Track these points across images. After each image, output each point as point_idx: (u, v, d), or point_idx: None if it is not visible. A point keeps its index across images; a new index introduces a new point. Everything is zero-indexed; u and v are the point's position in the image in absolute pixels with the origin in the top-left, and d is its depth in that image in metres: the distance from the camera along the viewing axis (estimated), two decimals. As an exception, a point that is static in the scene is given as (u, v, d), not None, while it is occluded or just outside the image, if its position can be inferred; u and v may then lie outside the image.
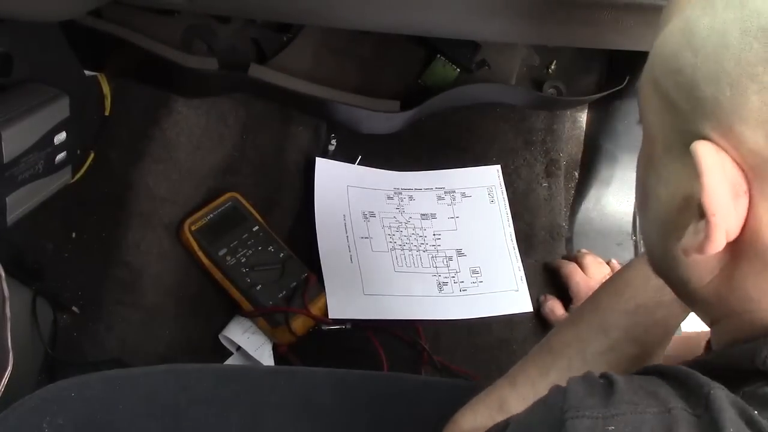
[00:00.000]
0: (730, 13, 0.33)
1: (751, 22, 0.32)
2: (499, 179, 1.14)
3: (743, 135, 0.33)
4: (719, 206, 0.33)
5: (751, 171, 0.33)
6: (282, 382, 0.69)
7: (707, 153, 0.34)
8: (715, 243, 0.34)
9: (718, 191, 0.33)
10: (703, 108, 0.34)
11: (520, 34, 0.84)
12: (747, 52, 0.32)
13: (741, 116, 0.33)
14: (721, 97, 0.33)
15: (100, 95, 0.96)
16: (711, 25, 0.34)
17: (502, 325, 1.05)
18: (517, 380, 0.60)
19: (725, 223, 0.34)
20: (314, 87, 1.04)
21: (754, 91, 0.32)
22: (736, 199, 0.34)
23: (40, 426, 0.60)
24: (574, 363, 0.58)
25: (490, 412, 0.58)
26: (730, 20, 0.33)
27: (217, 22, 0.99)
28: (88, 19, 0.91)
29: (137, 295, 0.95)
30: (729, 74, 0.33)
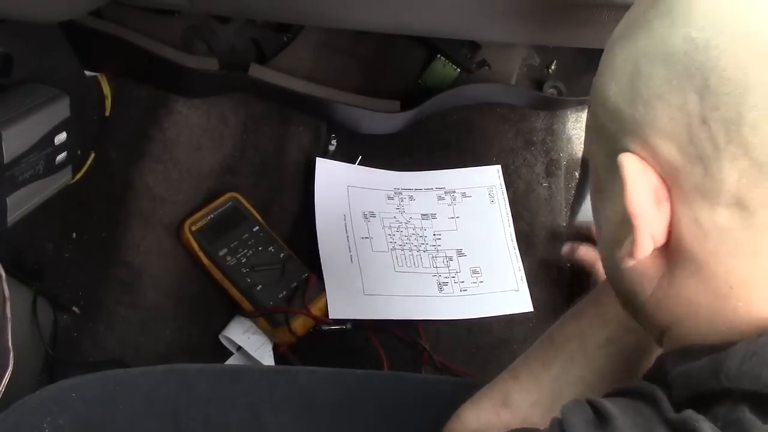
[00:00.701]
0: (641, 43, 0.38)
1: (656, 49, 0.37)
2: (499, 179, 1.14)
3: (659, 147, 0.37)
4: (640, 210, 0.37)
5: (669, 178, 0.37)
6: (282, 382, 0.69)
7: (629, 162, 0.37)
8: (642, 245, 0.38)
9: (639, 196, 0.37)
10: (625, 126, 0.38)
11: (520, 34, 0.84)
12: (654, 75, 0.37)
13: (655, 130, 0.37)
14: (637, 115, 0.37)
15: (100, 95, 0.96)
16: (627, 56, 0.39)
17: (502, 325, 1.05)
18: (520, 374, 0.60)
19: (649, 226, 0.37)
20: (314, 87, 1.04)
21: (661, 108, 0.36)
22: (659, 205, 0.37)
23: (40, 426, 0.60)
24: (577, 356, 0.59)
25: (494, 407, 0.59)
26: (640, 49, 0.38)
27: (217, 22, 0.99)
28: (88, 19, 0.92)
29: (137, 295, 0.95)
30: (641, 95, 0.37)
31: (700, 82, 0.35)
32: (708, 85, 0.34)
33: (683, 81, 0.35)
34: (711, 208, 0.36)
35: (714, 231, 0.36)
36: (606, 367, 0.58)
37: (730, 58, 0.34)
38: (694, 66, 0.35)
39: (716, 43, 0.34)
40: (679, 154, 0.36)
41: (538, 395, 0.58)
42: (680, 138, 0.36)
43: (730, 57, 0.34)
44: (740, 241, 0.36)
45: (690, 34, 0.35)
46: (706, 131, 0.35)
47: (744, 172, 0.34)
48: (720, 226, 0.36)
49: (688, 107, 0.35)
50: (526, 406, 0.58)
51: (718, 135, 0.34)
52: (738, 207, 0.35)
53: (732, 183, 0.35)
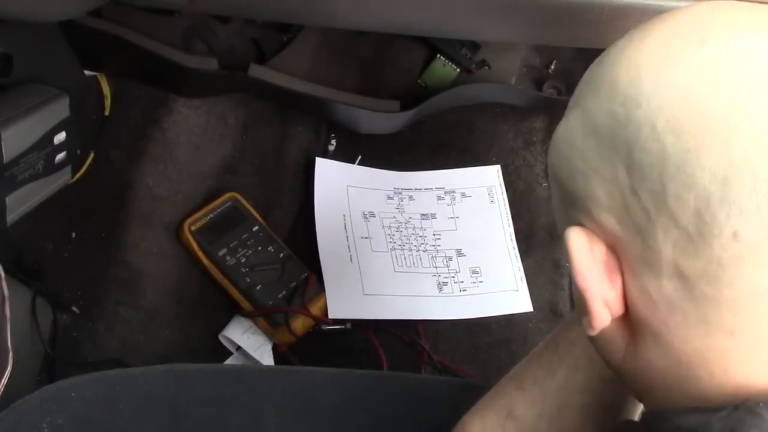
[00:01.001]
0: (576, 120, 0.39)
1: (587, 126, 0.38)
2: (499, 179, 1.14)
3: (601, 218, 0.37)
4: (587, 282, 0.37)
5: (617, 249, 0.37)
6: (282, 382, 0.69)
7: (574, 236, 0.38)
8: (597, 317, 0.37)
9: (584, 269, 0.37)
10: (571, 199, 0.39)
11: (520, 34, 0.84)
12: (588, 149, 0.38)
13: (594, 203, 0.37)
14: (578, 189, 0.38)
15: (100, 95, 0.96)
16: (565, 133, 0.40)
17: (502, 325, 1.05)
18: (524, 383, 0.59)
19: (600, 297, 0.37)
20: (314, 87, 1.04)
21: (597, 181, 0.37)
22: (611, 275, 0.37)
23: (39, 426, 0.60)
24: (581, 362, 0.58)
25: (499, 419, 0.58)
26: (575, 126, 0.39)
27: (217, 22, 0.99)
28: (88, 19, 0.91)
29: (137, 295, 0.95)
30: (578, 169, 0.38)
31: (625, 154, 0.35)
32: (632, 157, 0.35)
33: (612, 154, 0.36)
34: (656, 279, 0.35)
35: (662, 301, 0.36)
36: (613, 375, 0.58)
37: (648, 130, 0.35)
38: (619, 139, 0.36)
39: (635, 117, 0.35)
40: (619, 225, 0.36)
41: (543, 406, 0.57)
42: (618, 210, 0.36)
43: (648, 129, 0.35)
44: (688, 312, 0.35)
45: (613, 109, 0.36)
46: (638, 202, 0.35)
47: (677, 244, 0.34)
48: (667, 297, 0.35)
49: (619, 180, 0.36)
50: (531, 418, 0.57)
51: (649, 206, 0.35)
52: (679, 278, 0.35)
53: (668, 254, 0.34)
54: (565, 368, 0.58)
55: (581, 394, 0.57)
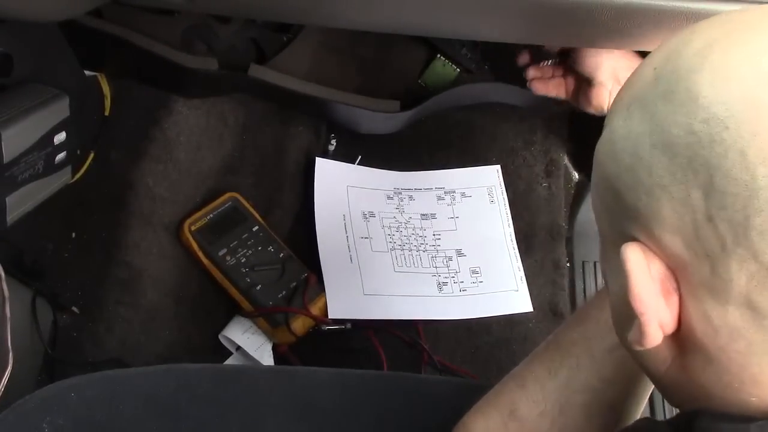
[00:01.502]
0: (642, 126, 0.35)
1: (657, 137, 0.34)
2: (499, 179, 1.14)
3: (663, 238, 0.35)
4: (645, 305, 0.35)
5: (677, 270, 0.35)
6: (282, 382, 0.69)
7: (632, 254, 0.36)
8: (650, 338, 0.36)
9: (643, 291, 0.35)
10: (627, 212, 0.36)
11: (520, 34, 0.84)
12: (656, 164, 0.34)
13: (658, 222, 0.35)
14: (639, 204, 0.35)
15: (100, 95, 0.96)
16: (627, 136, 0.36)
17: (502, 325, 1.05)
18: (527, 382, 0.59)
19: (656, 318, 0.35)
20: (314, 87, 1.04)
21: (665, 200, 0.34)
22: (668, 296, 0.35)
23: (40, 426, 0.60)
24: (583, 361, 0.58)
25: (502, 418, 0.58)
26: (641, 134, 0.35)
27: (217, 22, 0.99)
28: (88, 19, 0.91)
29: (137, 295, 0.95)
30: (643, 184, 0.35)
31: (704, 178, 0.32)
32: (713, 183, 0.32)
33: (687, 175, 0.33)
34: (721, 306, 0.34)
35: (725, 329, 0.34)
36: (614, 374, 0.57)
37: (737, 156, 0.31)
38: (698, 161, 0.33)
39: (721, 138, 0.32)
40: (685, 249, 0.34)
41: (545, 405, 0.57)
42: (685, 232, 0.34)
43: (737, 155, 0.31)
44: (752, 341, 0.34)
45: (692, 126, 0.33)
46: (713, 230, 0.33)
47: (753, 276, 0.32)
48: (731, 325, 0.34)
49: (692, 203, 0.33)
50: (533, 417, 0.57)
51: (726, 235, 0.32)
52: (749, 308, 0.33)
53: (741, 285, 0.33)
54: (567, 368, 0.58)
55: (583, 393, 0.57)
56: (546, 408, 0.58)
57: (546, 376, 0.59)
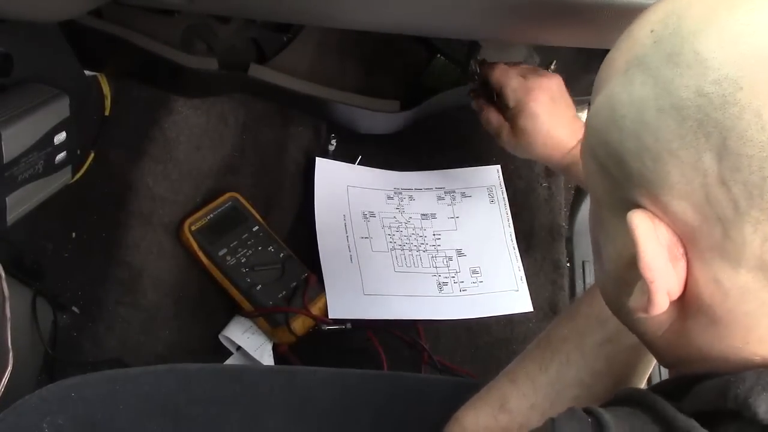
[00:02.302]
0: (645, 90, 0.35)
1: (664, 101, 0.33)
2: (499, 179, 1.14)
3: (670, 204, 0.34)
4: (656, 272, 0.35)
5: (684, 236, 0.35)
6: (282, 382, 0.70)
7: (640, 222, 0.35)
8: (657, 305, 0.36)
9: (654, 258, 0.35)
10: (632, 179, 0.36)
11: (520, 34, 0.84)
12: (663, 128, 0.33)
13: (665, 188, 0.34)
14: (645, 170, 0.35)
15: (100, 95, 0.96)
16: (630, 101, 0.35)
17: (502, 325, 1.05)
18: (518, 377, 0.60)
19: (665, 286, 0.35)
20: (314, 87, 1.04)
21: (673, 165, 0.33)
22: (675, 262, 0.35)
23: (40, 426, 0.60)
24: (573, 356, 0.59)
25: (492, 411, 0.59)
26: (645, 98, 0.34)
27: (217, 22, 0.99)
28: (88, 19, 0.91)
29: (137, 295, 0.95)
30: (649, 149, 0.34)
31: (717, 141, 0.32)
32: (727, 145, 0.32)
33: (698, 138, 0.32)
34: (732, 269, 0.33)
35: (735, 291, 0.34)
36: (604, 368, 0.58)
37: (753, 117, 0.31)
38: (710, 123, 0.32)
39: (735, 99, 0.31)
40: (695, 214, 0.34)
41: (535, 399, 0.58)
42: (695, 197, 0.33)
43: (752, 116, 0.31)
44: (765, 302, 0.34)
45: (702, 88, 0.32)
46: (725, 193, 0.32)
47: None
48: (742, 287, 0.34)
49: (703, 166, 0.32)
50: (523, 409, 0.58)
51: (739, 198, 0.32)
52: (761, 269, 0.33)
53: (755, 247, 0.32)
54: (557, 363, 0.59)
55: (572, 387, 0.58)
56: (536, 401, 0.59)
57: (537, 371, 0.60)
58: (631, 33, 0.38)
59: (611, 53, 0.39)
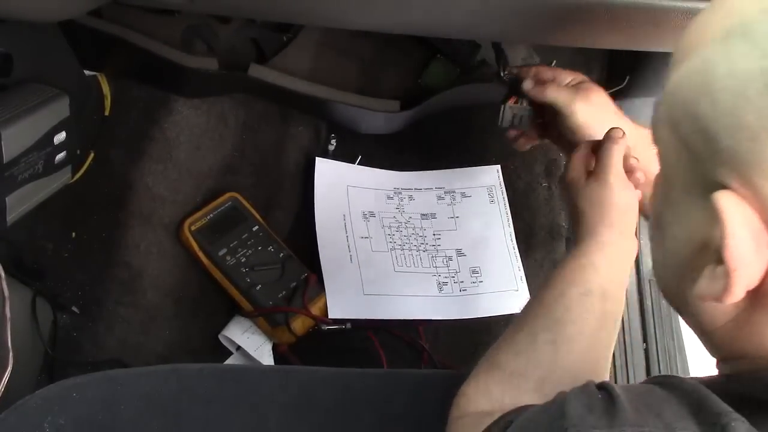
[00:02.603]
0: (750, 63, 0.32)
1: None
2: (499, 179, 1.14)
3: (764, 188, 0.32)
4: (741, 261, 0.32)
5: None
6: (282, 381, 0.70)
7: (730, 205, 0.32)
8: (735, 295, 0.33)
9: (741, 246, 0.32)
10: (721, 157, 0.33)
11: (520, 34, 0.84)
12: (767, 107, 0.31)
13: (762, 170, 0.32)
14: (740, 149, 0.32)
15: (100, 95, 0.96)
16: (730, 73, 0.32)
17: (502, 325, 1.05)
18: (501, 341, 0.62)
19: (747, 276, 0.33)
20: (314, 87, 1.04)
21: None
22: (759, 250, 0.32)
23: (41, 426, 0.60)
24: (540, 311, 0.61)
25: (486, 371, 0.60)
26: (751, 71, 0.32)
27: (217, 22, 0.99)
28: (88, 19, 0.91)
29: (137, 295, 0.95)
30: (749, 127, 0.31)
31: None
32: None
33: None
34: None
35: None
36: (564, 314, 0.59)
37: None
38: None
39: None
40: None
41: (516, 348, 0.61)
42: None
43: None
44: None
45: None
46: None
47: None
48: None
49: None
50: (510, 358, 0.60)
51: None
52: None
53: None
54: (530, 320, 0.61)
55: (544, 332, 0.59)
56: (517, 349, 0.60)
57: (514, 331, 0.62)
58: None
59: (704, 15, 0.36)
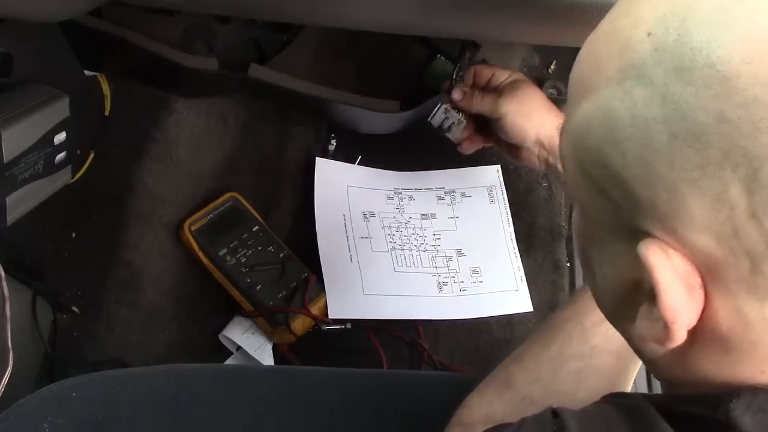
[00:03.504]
0: (652, 111, 0.29)
1: (678, 125, 0.29)
2: (499, 179, 1.14)
3: (690, 237, 0.30)
4: (679, 313, 0.31)
5: (703, 267, 0.31)
6: (282, 382, 0.70)
7: (658, 258, 0.31)
8: (677, 341, 0.32)
9: (676, 299, 0.31)
10: (640, 207, 0.31)
11: (520, 34, 0.84)
12: (679, 156, 0.29)
13: (683, 220, 0.30)
14: (658, 200, 0.30)
15: (100, 95, 0.96)
16: (632, 123, 0.30)
17: (502, 325, 1.05)
18: (522, 357, 0.62)
19: (686, 323, 0.32)
20: (314, 87, 1.04)
21: (693, 195, 0.29)
22: (692, 294, 0.31)
23: (40, 426, 0.60)
24: (574, 334, 0.61)
25: (497, 389, 0.60)
26: (653, 120, 0.29)
27: (217, 22, 0.99)
28: (88, 19, 0.91)
29: (137, 295, 0.95)
30: (663, 178, 0.30)
31: (746, 172, 0.28)
32: (757, 177, 0.27)
33: (723, 168, 0.28)
34: (760, 302, 0.30)
35: (759, 322, 0.31)
36: (603, 343, 0.60)
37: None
38: (737, 153, 0.27)
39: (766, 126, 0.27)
40: (719, 246, 0.30)
41: (538, 373, 0.60)
42: (720, 230, 0.29)
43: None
44: None
45: (725, 113, 0.27)
46: (756, 227, 0.28)
47: None
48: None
49: (730, 198, 0.28)
50: (527, 383, 0.60)
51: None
52: None
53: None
54: (560, 341, 0.61)
55: (574, 360, 0.60)
56: (539, 375, 0.60)
57: (540, 349, 0.61)
58: (618, 29, 0.32)
59: (593, 51, 0.34)
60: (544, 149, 0.81)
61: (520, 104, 0.81)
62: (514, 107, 0.80)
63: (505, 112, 0.81)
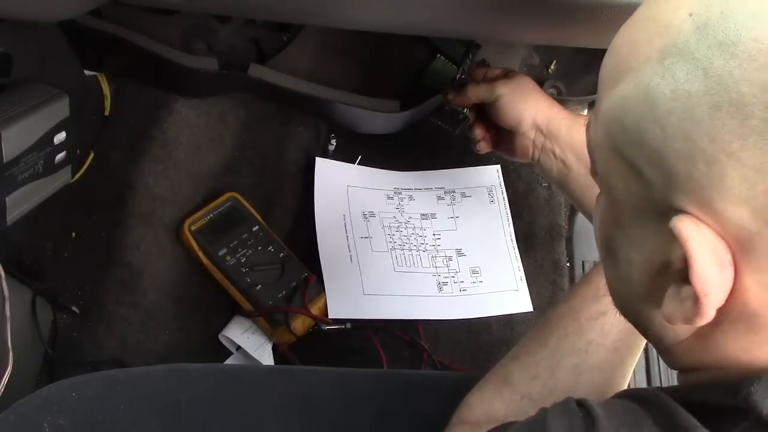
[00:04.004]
0: (694, 84, 0.30)
1: (720, 97, 0.30)
2: (499, 179, 1.14)
3: (725, 210, 0.31)
4: (711, 286, 0.31)
5: (735, 242, 0.31)
6: (282, 381, 0.70)
7: (692, 232, 0.31)
8: (706, 317, 0.33)
9: (709, 272, 0.31)
10: (676, 182, 0.32)
11: (520, 34, 0.84)
12: (722, 128, 0.30)
13: (720, 193, 0.31)
14: (696, 173, 0.31)
15: (100, 95, 0.96)
16: (674, 97, 0.31)
17: (502, 325, 1.05)
18: (519, 354, 0.63)
19: (717, 298, 0.32)
20: (314, 87, 1.04)
21: (732, 167, 0.30)
22: (722, 271, 0.32)
23: (40, 426, 0.60)
24: (570, 329, 0.61)
25: (496, 386, 0.61)
26: (695, 93, 0.30)
27: (217, 22, 0.99)
28: (88, 19, 0.91)
29: (137, 295, 0.95)
30: (703, 150, 0.30)
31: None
32: None
33: (764, 139, 0.29)
34: None
35: None
36: (599, 338, 0.60)
37: None
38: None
39: None
40: (754, 219, 0.30)
41: (537, 370, 0.60)
42: (757, 202, 0.30)
43: None
44: None
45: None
46: None
47: None
48: None
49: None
50: (525, 380, 0.60)
51: None
52: None
53: None
54: (556, 337, 0.62)
55: (571, 356, 0.60)
56: (538, 372, 0.60)
57: (537, 346, 0.62)
58: (657, 13, 0.33)
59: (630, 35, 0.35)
60: (541, 133, 0.80)
61: (516, 87, 0.80)
62: (509, 89, 0.80)
63: (501, 93, 0.80)
